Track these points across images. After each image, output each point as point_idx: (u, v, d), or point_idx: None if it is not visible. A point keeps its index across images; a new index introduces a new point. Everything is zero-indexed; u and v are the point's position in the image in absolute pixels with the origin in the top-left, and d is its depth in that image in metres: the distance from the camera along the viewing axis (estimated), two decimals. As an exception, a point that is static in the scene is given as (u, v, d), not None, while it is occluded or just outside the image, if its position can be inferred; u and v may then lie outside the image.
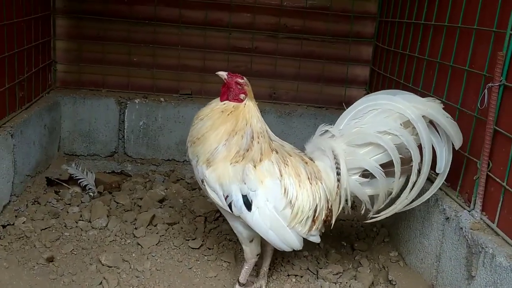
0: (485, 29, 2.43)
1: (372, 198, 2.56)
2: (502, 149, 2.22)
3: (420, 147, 2.43)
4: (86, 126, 4.08)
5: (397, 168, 2.43)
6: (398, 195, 2.52)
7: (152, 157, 4.15)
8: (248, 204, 2.38)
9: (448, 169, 2.48)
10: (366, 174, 2.52)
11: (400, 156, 2.44)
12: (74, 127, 4.08)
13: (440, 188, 2.66)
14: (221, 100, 2.45)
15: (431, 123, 2.46)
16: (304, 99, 4.21)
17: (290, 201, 2.40)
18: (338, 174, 2.49)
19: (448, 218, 2.48)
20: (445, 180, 2.69)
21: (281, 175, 2.41)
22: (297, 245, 2.48)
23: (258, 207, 2.38)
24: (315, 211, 2.46)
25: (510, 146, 2.14)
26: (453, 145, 2.46)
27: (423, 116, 2.40)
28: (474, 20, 2.51)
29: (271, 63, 4.15)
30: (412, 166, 2.43)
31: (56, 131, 3.97)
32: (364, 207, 2.57)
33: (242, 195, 2.37)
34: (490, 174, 2.28)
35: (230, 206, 2.40)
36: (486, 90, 2.27)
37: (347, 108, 2.59)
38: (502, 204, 2.19)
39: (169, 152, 4.14)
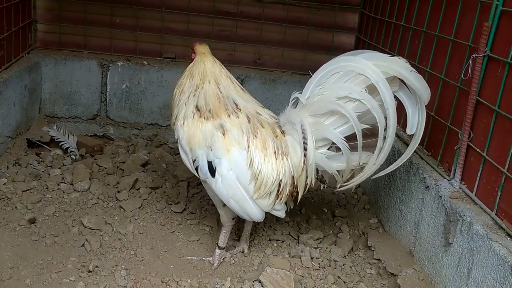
0: (472, -1, 2.43)
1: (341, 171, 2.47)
2: (483, 120, 2.25)
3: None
4: (67, 88, 4.01)
5: (359, 139, 2.30)
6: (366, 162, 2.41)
7: (134, 121, 4.11)
8: (212, 171, 2.39)
9: (422, 130, 2.33)
10: (337, 147, 2.41)
11: (368, 126, 2.32)
12: (55, 88, 4.01)
13: (421, 157, 2.70)
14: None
15: (403, 82, 2.31)
16: (289, 65, 4.18)
17: (254, 174, 2.40)
18: (305, 149, 2.43)
19: (428, 186, 2.52)
20: (426, 149, 2.73)
21: (248, 146, 2.40)
22: (258, 216, 2.49)
23: (221, 175, 2.39)
24: (279, 185, 2.45)
25: (492, 117, 2.17)
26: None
27: (387, 76, 2.24)
28: (461, -10, 2.51)
29: (256, 28, 4.10)
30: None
31: (36, 92, 3.90)
32: (333, 179, 2.49)
33: (208, 161, 2.39)
34: (471, 144, 2.32)
35: (197, 170, 2.42)
36: (470, 61, 2.28)
37: (313, 74, 2.49)
38: (481, 174, 2.24)
39: (152, 116, 4.11)
